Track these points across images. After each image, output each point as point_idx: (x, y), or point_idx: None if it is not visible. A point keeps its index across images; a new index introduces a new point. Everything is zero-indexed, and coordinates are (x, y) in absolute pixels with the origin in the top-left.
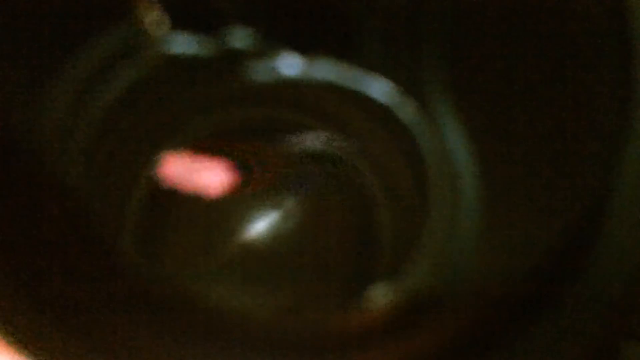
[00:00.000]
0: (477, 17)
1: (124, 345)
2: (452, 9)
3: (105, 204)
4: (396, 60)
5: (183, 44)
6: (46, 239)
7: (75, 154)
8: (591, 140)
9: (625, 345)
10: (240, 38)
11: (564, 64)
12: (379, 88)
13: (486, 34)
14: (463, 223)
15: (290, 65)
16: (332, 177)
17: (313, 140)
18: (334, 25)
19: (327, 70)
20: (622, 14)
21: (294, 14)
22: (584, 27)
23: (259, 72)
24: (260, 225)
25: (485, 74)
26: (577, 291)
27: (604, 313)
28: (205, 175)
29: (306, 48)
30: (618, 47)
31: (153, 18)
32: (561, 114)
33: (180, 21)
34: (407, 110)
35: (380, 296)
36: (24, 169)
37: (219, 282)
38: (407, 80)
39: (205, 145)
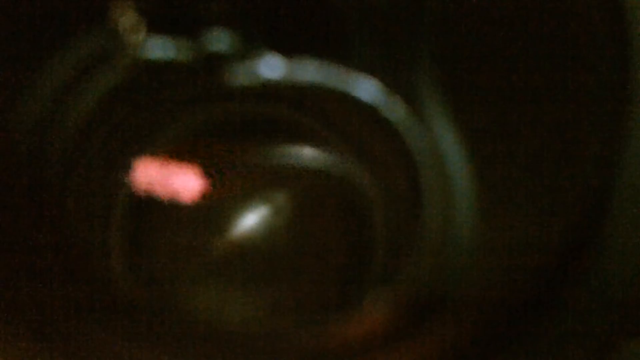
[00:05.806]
0: (470, 16)
1: (107, 353)
2: (444, 8)
3: (87, 209)
4: (384, 60)
5: (160, 49)
6: (26, 246)
7: (53, 160)
8: (590, 141)
9: (627, 344)
10: (219, 41)
11: (561, 64)
12: (365, 88)
13: (479, 33)
14: (458, 223)
15: (272, 67)
16: (322, 177)
17: (298, 141)
18: (317, 25)
19: (310, 71)
20: (620, 15)
21: (275, 14)
22: (583, 27)
23: (239, 75)
24: (249, 225)
25: (478, 74)
26: (579, 292)
27: (606, 313)
28: (177, 181)
29: (288, 49)
30: (617, 47)
31: (129, 22)
32: (557, 115)
33: (157, 25)
34: (395, 110)
35: (378, 300)
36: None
37: (207, 284)
38: (395, 79)
39: (178, 151)
